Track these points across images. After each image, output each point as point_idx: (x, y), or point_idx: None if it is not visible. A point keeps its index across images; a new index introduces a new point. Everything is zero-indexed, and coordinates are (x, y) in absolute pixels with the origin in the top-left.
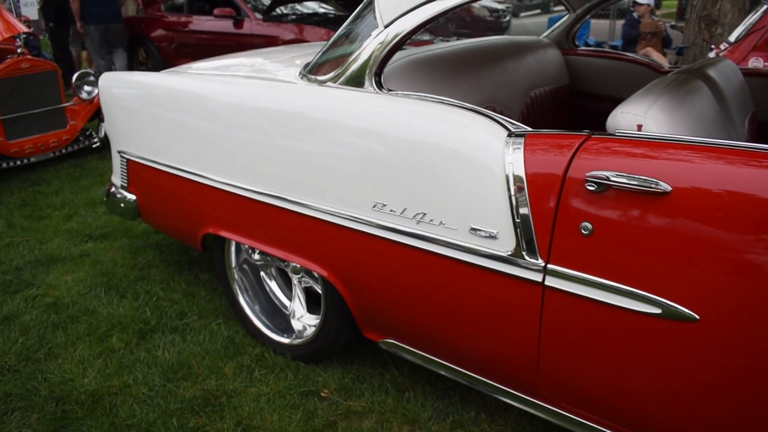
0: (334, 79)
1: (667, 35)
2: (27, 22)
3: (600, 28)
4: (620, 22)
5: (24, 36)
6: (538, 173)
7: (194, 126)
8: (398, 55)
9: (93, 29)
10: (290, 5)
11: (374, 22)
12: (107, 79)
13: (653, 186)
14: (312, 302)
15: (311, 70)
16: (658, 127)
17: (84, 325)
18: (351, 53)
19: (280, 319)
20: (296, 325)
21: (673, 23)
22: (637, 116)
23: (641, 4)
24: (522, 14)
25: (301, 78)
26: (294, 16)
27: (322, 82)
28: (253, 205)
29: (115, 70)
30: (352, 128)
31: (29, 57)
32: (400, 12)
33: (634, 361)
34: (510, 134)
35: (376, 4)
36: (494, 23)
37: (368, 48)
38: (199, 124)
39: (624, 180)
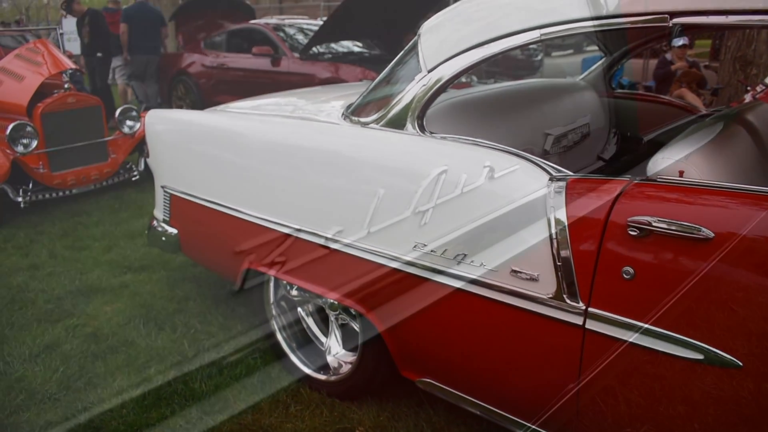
0: (377, 121)
1: (702, 77)
2: (71, 57)
3: (634, 67)
4: (654, 62)
5: (70, 71)
6: (580, 217)
7: (237, 163)
8: (439, 97)
9: (137, 60)
10: (326, 44)
11: (418, 67)
12: (152, 116)
13: (695, 232)
14: (348, 339)
15: (354, 112)
16: (699, 173)
17: (123, 355)
18: (394, 96)
19: (315, 355)
20: (332, 361)
21: (707, 63)
22: (678, 162)
23: (674, 47)
24: (554, 53)
25: (344, 119)
26: (330, 55)
27: (365, 124)
28: (293, 242)
29: (149, 97)
30: (395, 169)
31: (75, 92)
32: (444, 57)
33: (674, 407)
34: (552, 178)
35: (419, 48)
36: (526, 62)
37: (411, 91)
38: (242, 161)
39: (666, 225)
